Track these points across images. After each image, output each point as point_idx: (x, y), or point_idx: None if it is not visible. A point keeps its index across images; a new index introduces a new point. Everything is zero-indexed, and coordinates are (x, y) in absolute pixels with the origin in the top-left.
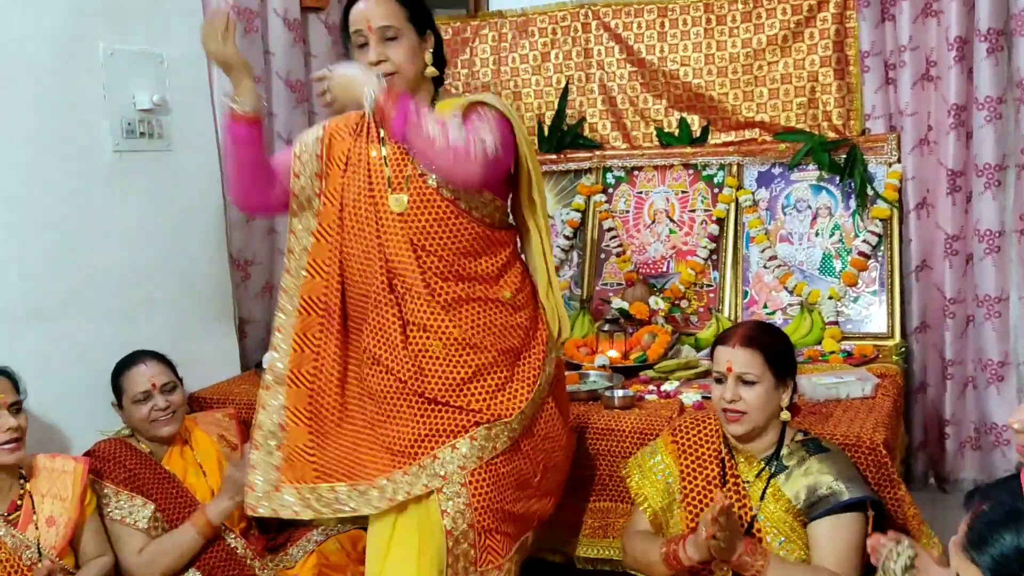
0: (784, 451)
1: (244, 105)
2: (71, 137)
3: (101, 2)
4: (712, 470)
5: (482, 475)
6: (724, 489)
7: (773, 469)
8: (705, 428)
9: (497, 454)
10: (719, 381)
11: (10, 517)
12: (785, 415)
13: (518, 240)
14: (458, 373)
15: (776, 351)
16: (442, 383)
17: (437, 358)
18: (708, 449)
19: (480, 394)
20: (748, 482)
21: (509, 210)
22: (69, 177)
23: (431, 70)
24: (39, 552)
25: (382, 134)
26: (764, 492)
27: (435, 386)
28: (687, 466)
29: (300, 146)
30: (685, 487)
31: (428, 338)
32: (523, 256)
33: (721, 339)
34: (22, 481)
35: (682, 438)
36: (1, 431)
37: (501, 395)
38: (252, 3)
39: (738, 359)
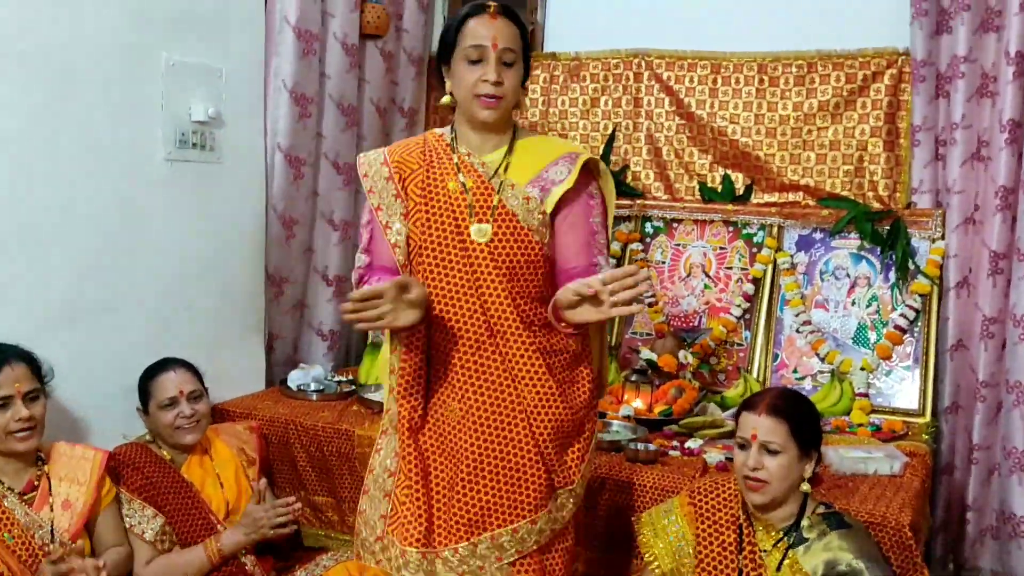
0: (805, 522)
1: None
2: (126, 142)
3: (167, 13)
4: (729, 536)
5: (529, 562)
6: (740, 556)
7: (792, 540)
8: (724, 492)
9: (554, 530)
10: (742, 447)
11: (26, 496)
12: (806, 487)
13: None
14: (544, 429)
15: (803, 422)
16: (528, 440)
17: (524, 412)
18: (726, 515)
19: (556, 454)
20: (765, 551)
21: None
22: (120, 181)
23: (522, 104)
24: (52, 534)
25: (455, 159)
26: (781, 563)
27: (521, 445)
28: (703, 531)
29: (377, 198)
30: (700, 552)
31: (518, 388)
32: None
33: (748, 404)
34: (40, 463)
35: (700, 501)
36: (12, 420)
37: (570, 454)
38: (314, 25)
39: (763, 427)
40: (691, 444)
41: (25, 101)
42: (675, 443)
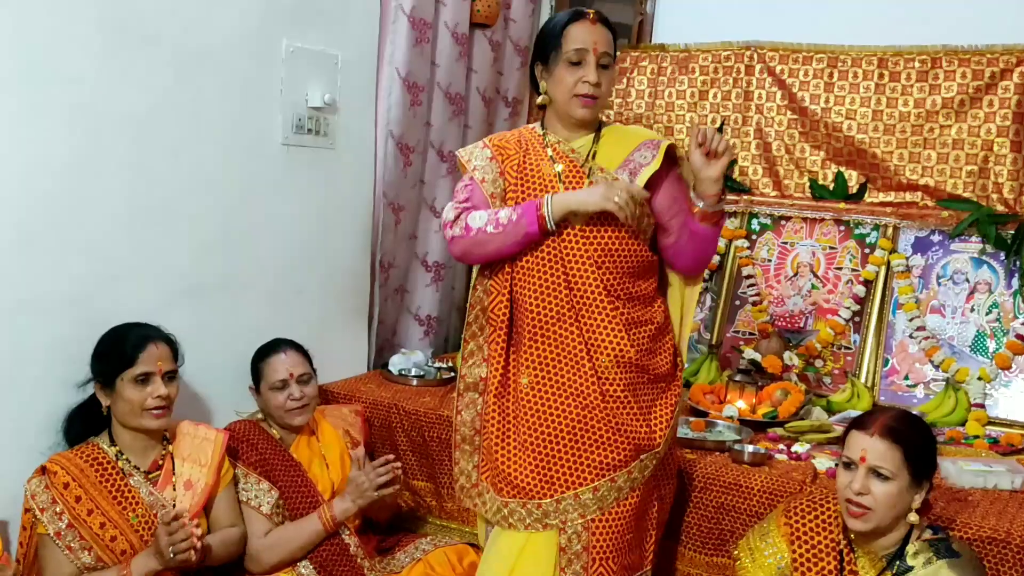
0: (910, 548)
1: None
2: (247, 126)
3: (290, 1)
4: (828, 563)
5: (608, 516)
6: None
7: (896, 569)
8: (823, 514)
9: (634, 488)
10: (848, 467)
11: (151, 475)
12: (913, 518)
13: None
14: (621, 394)
15: (918, 449)
16: (608, 404)
17: (605, 379)
18: (825, 538)
19: (635, 417)
20: None
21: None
22: (240, 164)
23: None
24: None
25: (550, 153)
26: None
27: (601, 409)
28: (801, 555)
29: (480, 173)
30: None
31: (599, 356)
32: None
33: (858, 423)
34: (165, 443)
35: (797, 522)
36: (151, 397)
37: (651, 419)
38: (427, 14)
39: (875, 450)
40: (798, 448)
41: (154, 82)
42: (781, 446)
